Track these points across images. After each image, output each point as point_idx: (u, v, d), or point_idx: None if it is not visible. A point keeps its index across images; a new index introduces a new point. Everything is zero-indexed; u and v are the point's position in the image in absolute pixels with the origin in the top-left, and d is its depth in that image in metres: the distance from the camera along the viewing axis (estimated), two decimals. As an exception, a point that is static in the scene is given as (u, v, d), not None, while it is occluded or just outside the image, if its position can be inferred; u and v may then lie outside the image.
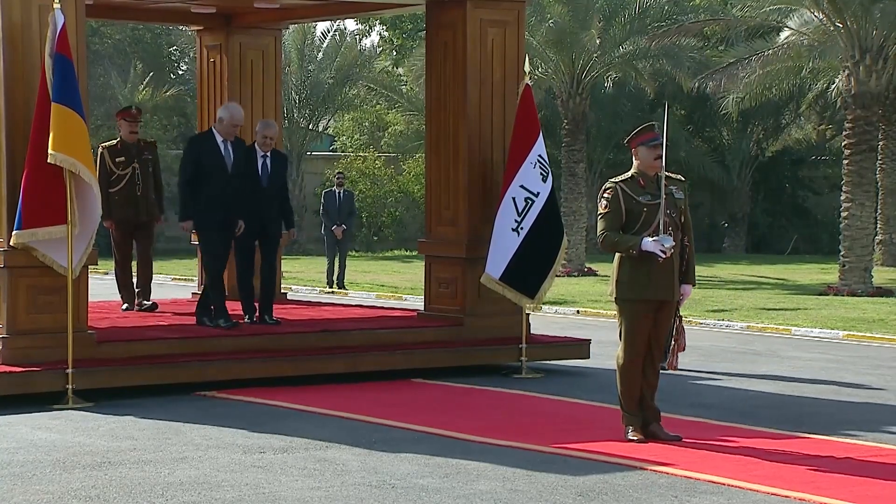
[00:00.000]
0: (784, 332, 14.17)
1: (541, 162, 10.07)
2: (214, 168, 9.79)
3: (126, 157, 11.07)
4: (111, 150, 11.13)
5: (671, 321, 7.34)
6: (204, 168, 9.79)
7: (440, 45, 10.80)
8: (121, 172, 11.03)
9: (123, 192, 11.04)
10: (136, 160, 11.09)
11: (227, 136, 9.88)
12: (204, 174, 9.78)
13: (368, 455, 6.93)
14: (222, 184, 9.78)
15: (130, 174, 11.04)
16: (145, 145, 11.35)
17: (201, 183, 9.78)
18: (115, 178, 11.04)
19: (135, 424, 7.88)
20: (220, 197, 9.77)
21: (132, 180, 11.04)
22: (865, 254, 18.93)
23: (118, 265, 11.50)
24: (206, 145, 9.90)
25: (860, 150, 19.07)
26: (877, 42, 19.04)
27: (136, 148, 11.17)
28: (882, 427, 7.97)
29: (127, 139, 11.16)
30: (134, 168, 11.06)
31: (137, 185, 11.06)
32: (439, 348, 10.14)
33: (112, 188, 10.99)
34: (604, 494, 6.04)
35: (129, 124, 11.20)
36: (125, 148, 11.12)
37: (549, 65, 23.12)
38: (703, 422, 8.04)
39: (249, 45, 12.48)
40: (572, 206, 23.00)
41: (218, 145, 9.84)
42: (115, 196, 11.01)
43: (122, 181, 11.04)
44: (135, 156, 11.11)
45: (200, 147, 9.93)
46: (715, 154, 30.99)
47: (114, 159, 11.07)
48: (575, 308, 16.45)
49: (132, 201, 11.08)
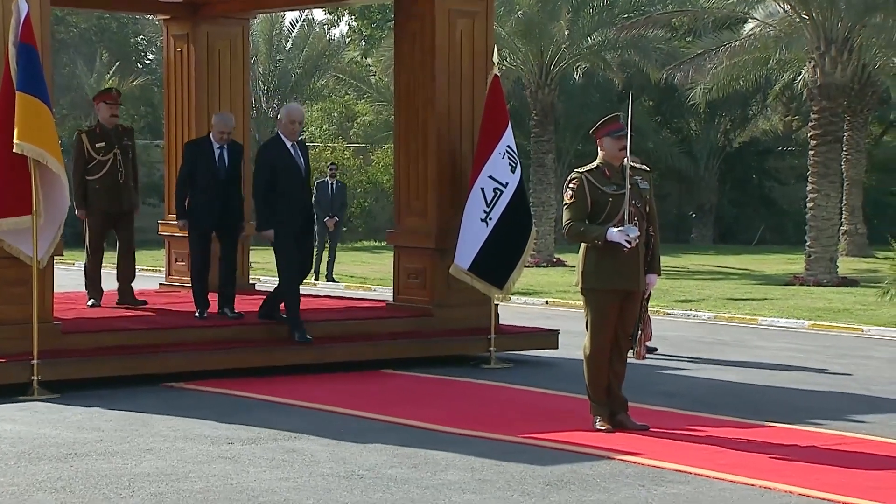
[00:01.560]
0: (751, 321, 14.28)
1: (509, 152, 10.09)
2: (286, 172, 9.45)
3: (106, 143, 10.43)
4: (90, 135, 10.49)
5: (637, 311, 7.38)
6: (277, 174, 9.42)
7: (409, 35, 10.78)
8: (101, 158, 10.39)
9: (105, 180, 10.40)
10: (116, 146, 10.46)
11: (290, 136, 9.55)
12: (277, 180, 9.42)
13: (337, 446, 6.93)
14: (297, 188, 9.52)
15: (112, 161, 10.40)
16: (124, 130, 10.74)
17: (275, 190, 9.43)
18: (95, 164, 10.40)
19: (101, 416, 7.84)
20: (298, 202, 9.50)
21: (114, 167, 10.40)
22: (831, 244, 19.09)
23: (91, 258, 10.82)
24: (276, 151, 9.54)
25: (826, 140, 19.22)
26: (842, 33, 19.18)
27: (116, 133, 10.55)
28: (845, 415, 8.06)
29: (106, 123, 10.51)
30: (115, 154, 10.43)
31: (120, 172, 10.42)
32: (408, 339, 10.15)
33: (91, 175, 10.40)
34: (571, 484, 6.07)
35: (110, 107, 10.55)
36: (105, 133, 10.48)
37: (517, 55, 23.15)
38: (670, 411, 8.09)
39: (217, 34, 12.41)
40: (541, 196, 23.05)
41: (288, 149, 9.53)
42: (94, 184, 10.40)
43: (102, 168, 10.40)
44: (115, 141, 10.48)
45: (272, 153, 9.55)
46: (682, 145, 31.15)
47: (93, 144, 10.41)
48: (543, 298, 16.50)
49: (114, 190, 10.44)
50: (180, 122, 12.51)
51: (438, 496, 5.82)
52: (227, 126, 10.07)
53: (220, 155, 9.99)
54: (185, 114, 12.46)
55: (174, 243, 12.46)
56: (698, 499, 5.80)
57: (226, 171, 10.02)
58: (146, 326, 9.72)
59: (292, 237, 9.55)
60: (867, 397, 8.95)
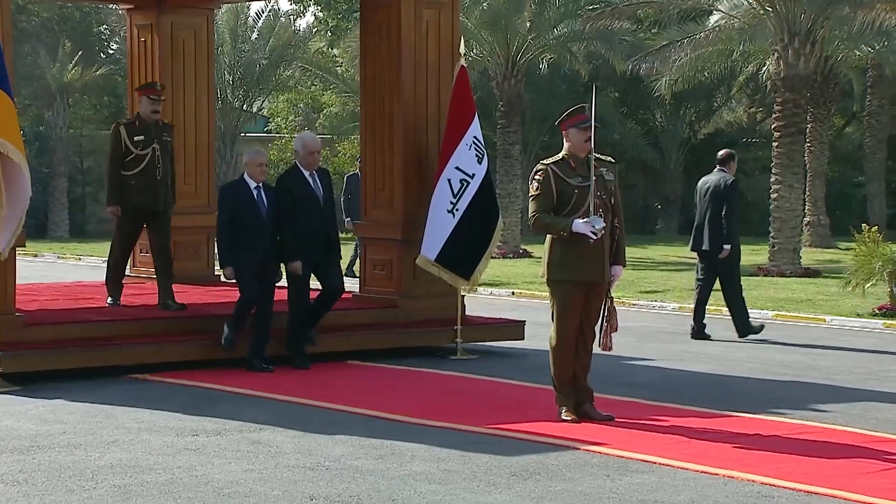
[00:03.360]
0: (715, 312, 14.35)
1: (476, 144, 10.09)
2: (305, 203, 9.24)
3: (146, 137, 9.96)
4: (129, 128, 10.03)
5: (602, 302, 7.40)
6: (295, 205, 9.20)
7: (375, 26, 10.76)
8: (140, 152, 9.91)
9: (141, 176, 9.91)
10: (156, 140, 10.00)
11: (309, 166, 9.33)
12: (295, 211, 9.20)
13: (303, 437, 6.92)
14: (316, 218, 9.27)
15: (150, 155, 9.93)
16: (164, 125, 10.26)
17: (297, 220, 9.19)
18: (132, 158, 9.91)
19: (64, 408, 7.78)
20: (316, 233, 9.25)
21: (152, 162, 9.94)
22: (794, 235, 19.25)
23: (116, 256, 10.28)
24: (294, 182, 9.30)
25: (789, 132, 19.36)
26: (805, 26, 19.32)
27: (157, 127, 10.11)
28: (808, 405, 8.13)
29: (147, 118, 10.05)
30: (154, 149, 9.95)
31: (158, 169, 9.94)
32: (375, 330, 10.14)
33: (128, 171, 9.91)
34: (537, 474, 6.09)
35: (153, 103, 10.07)
36: (144, 126, 10.02)
37: (483, 46, 23.15)
38: (635, 402, 8.14)
39: (181, 24, 12.32)
40: (507, 187, 23.08)
41: (306, 179, 9.30)
42: (130, 180, 9.91)
43: (140, 163, 9.92)
44: (155, 136, 10.02)
45: (291, 184, 9.31)
46: (648, 136, 31.29)
47: (132, 138, 9.93)
48: (510, 290, 16.54)
49: (151, 187, 9.95)
50: (144, 113, 12.41)
51: (404, 487, 5.82)
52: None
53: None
54: (149, 104, 12.35)
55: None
56: (662, 488, 5.84)
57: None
58: (110, 318, 9.65)
59: (309, 268, 9.29)
60: (829, 387, 9.04)
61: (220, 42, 28.24)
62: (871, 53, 25.10)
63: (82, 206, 30.50)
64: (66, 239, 28.21)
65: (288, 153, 29.93)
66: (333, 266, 9.64)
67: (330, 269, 9.56)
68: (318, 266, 9.45)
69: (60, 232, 29.07)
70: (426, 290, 10.37)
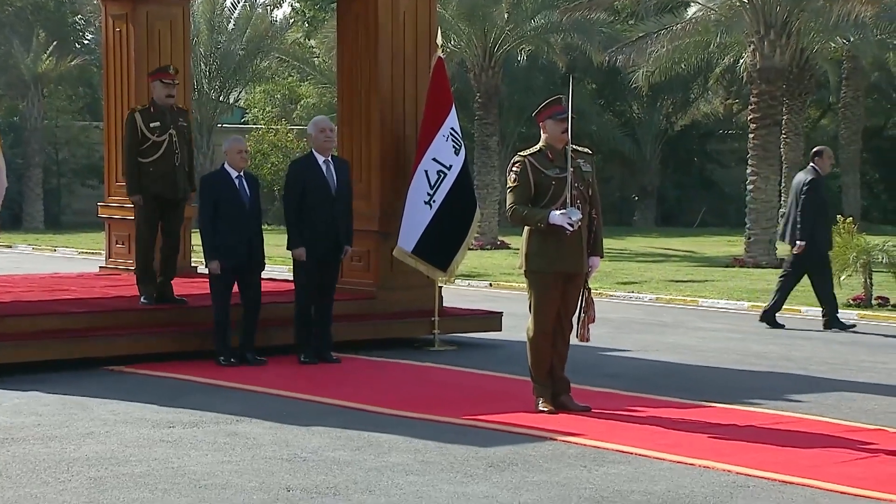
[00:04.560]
0: (692, 303, 14.44)
1: (453, 135, 10.09)
2: (315, 192, 9.05)
3: (162, 123, 9.72)
4: (144, 114, 9.78)
5: (580, 293, 7.42)
6: (306, 193, 9.03)
7: (352, 16, 10.73)
8: (157, 139, 9.68)
9: (159, 163, 9.69)
10: (172, 126, 9.75)
11: (323, 149, 9.12)
12: (305, 199, 9.03)
13: (279, 428, 6.91)
14: (326, 208, 9.06)
15: (167, 142, 9.69)
16: (179, 110, 10.02)
17: (306, 208, 9.03)
18: (150, 145, 9.68)
19: (39, 400, 7.73)
20: (325, 223, 9.06)
21: (170, 149, 9.70)
22: (770, 226, 19.35)
23: (143, 249, 9.89)
24: (307, 168, 9.14)
25: (765, 124, 19.45)
26: (781, 17, 19.41)
27: (172, 113, 9.85)
28: (783, 395, 8.18)
29: (161, 102, 9.80)
30: (171, 135, 9.72)
31: (176, 155, 9.71)
32: (352, 321, 10.12)
33: (145, 158, 9.68)
34: (514, 465, 6.11)
35: (166, 87, 9.80)
36: (160, 112, 9.76)
37: (461, 38, 23.13)
38: (611, 392, 8.16)
39: (157, 14, 12.24)
40: (485, 179, 23.09)
41: (319, 166, 9.11)
42: (149, 167, 9.67)
43: (158, 149, 9.68)
44: (171, 121, 9.77)
45: (303, 171, 9.14)
46: (625, 128, 31.36)
47: (147, 124, 9.69)
48: (487, 281, 16.55)
49: (169, 173, 9.72)
50: (119, 104, 12.32)
51: (381, 478, 5.82)
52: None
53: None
54: (124, 95, 12.27)
55: (114, 226, 12.32)
56: (639, 478, 5.86)
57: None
58: (86, 310, 9.60)
59: (314, 260, 9.11)
60: (804, 377, 9.09)
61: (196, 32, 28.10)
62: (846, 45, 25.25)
63: (57, 197, 30.33)
64: (41, 230, 28.04)
65: (265, 144, 29.83)
66: (331, 271, 9.29)
67: (327, 275, 9.23)
68: (320, 264, 9.15)
69: (35, 223, 28.90)
70: (404, 282, 10.36)
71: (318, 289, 9.24)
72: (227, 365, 8.95)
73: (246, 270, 9.13)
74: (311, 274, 9.21)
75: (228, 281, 9.06)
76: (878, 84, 30.57)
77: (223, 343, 9.06)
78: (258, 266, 9.24)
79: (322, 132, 9.19)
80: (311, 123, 9.41)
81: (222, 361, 9.00)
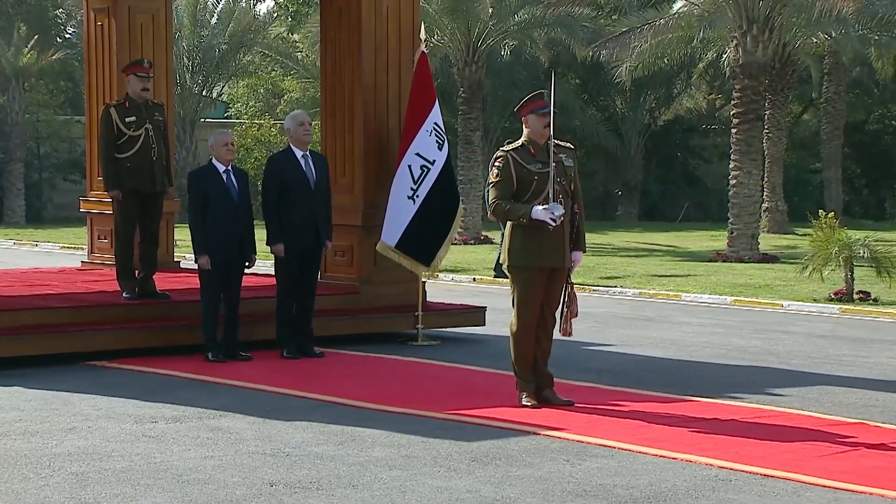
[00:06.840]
0: (675, 297, 14.48)
1: (437, 130, 10.08)
2: (294, 185, 9.02)
3: (137, 117, 9.69)
4: (119, 109, 9.73)
5: (563, 288, 7.43)
6: (286, 187, 9.01)
7: (335, 11, 10.71)
8: (132, 134, 9.65)
9: (136, 158, 9.65)
10: (148, 121, 9.74)
11: (300, 143, 9.11)
12: (284, 194, 9.01)
13: (263, 423, 6.90)
14: (305, 202, 9.03)
15: (144, 136, 9.67)
16: (155, 105, 10.00)
17: (284, 203, 9.01)
18: (126, 140, 9.64)
19: (21, 395, 7.70)
20: (305, 218, 9.04)
21: (146, 143, 9.67)
22: (752, 221, 19.42)
23: (123, 243, 9.83)
24: (286, 163, 9.10)
25: (748, 119, 19.51)
26: (763, 13, 19.46)
27: (147, 107, 9.83)
28: (765, 389, 8.22)
29: (136, 97, 9.76)
30: (147, 130, 9.69)
31: (152, 150, 9.68)
32: (335, 316, 10.12)
33: (122, 153, 9.64)
34: (497, 460, 6.12)
35: (141, 80, 9.77)
36: (135, 106, 9.73)
37: (444, 32, 23.11)
38: (594, 387, 8.18)
39: (139, 8, 12.19)
40: (468, 174, 23.09)
41: (297, 160, 9.07)
42: (125, 162, 9.62)
43: (134, 144, 9.65)
44: (147, 116, 9.76)
45: (282, 165, 9.10)
46: (609, 123, 31.40)
47: (123, 119, 9.66)
48: (471, 276, 16.56)
49: (146, 168, 9.68)
50: (101, 98, 12.26)
51: (364, 473, 5.83)
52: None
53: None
54: (106, 89, 12.22)
55: (96, 220, 12.27)
56: (622, 472, 5.88)
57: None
58: (68, 305, 9.57)
59: (294, 256, 9.07)
60: (786, 371, 9.13)
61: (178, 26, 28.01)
62: (828, 41, 25.34)
63: (39, 192, 30.18)
64: (22, 225, 27.92)
65: (248, 139, 29.73)
66: (311, 270, 9.28)
67: (307, 272, 9.22)
68: (300, 261, 9.13)
69: (16, 218, 28.76)
70: (387, 277, 10.36)
71: (299, 284, 9.22)
72: (216, 361, 8.92)
73: (235, 266, 9.10)
74: (291, 269, 9.18)
75: (218, 276, 9.03)
76: (860, 79, 30.69)
77: (212, 339, 9.03)
78: (249, 261, 9.17)
79: (301, 126, 9.16)
80: (289, 118, 9.36)
81: (211, 357, 8.97)
